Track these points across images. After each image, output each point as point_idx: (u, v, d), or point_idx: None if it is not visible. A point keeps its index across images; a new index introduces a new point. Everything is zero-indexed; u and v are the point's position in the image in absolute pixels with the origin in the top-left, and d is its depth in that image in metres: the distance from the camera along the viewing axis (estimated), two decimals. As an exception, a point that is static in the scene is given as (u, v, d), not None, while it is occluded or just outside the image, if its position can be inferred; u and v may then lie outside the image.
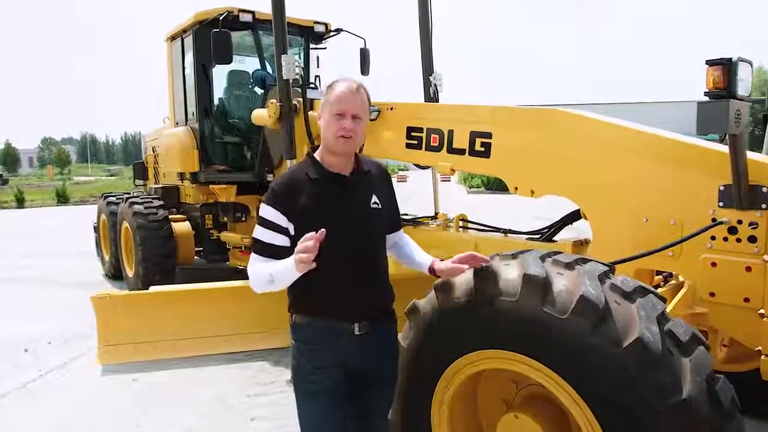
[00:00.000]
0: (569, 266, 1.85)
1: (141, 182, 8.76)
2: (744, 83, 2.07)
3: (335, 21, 6.42)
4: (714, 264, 2.40)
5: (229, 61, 5.10)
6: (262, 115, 4.65)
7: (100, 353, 4.58)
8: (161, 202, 6.76)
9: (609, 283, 1.78)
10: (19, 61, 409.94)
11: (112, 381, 4.32)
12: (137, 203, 6.61)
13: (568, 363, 1.71)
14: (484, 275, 1.91)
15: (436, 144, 3.76)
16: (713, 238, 2.40)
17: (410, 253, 2.24)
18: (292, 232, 1.93)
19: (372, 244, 2.05)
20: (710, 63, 2.06)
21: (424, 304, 2.12)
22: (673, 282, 2.87)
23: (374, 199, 2.05)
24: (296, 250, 1.73)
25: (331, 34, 6.34)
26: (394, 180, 2.32)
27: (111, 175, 62.76)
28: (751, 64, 2.10)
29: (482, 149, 3.46)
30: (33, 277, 8.28)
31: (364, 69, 6.17)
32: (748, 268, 2.30)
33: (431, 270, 2.12)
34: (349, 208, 1.98)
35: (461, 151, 3.59)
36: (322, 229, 1.70)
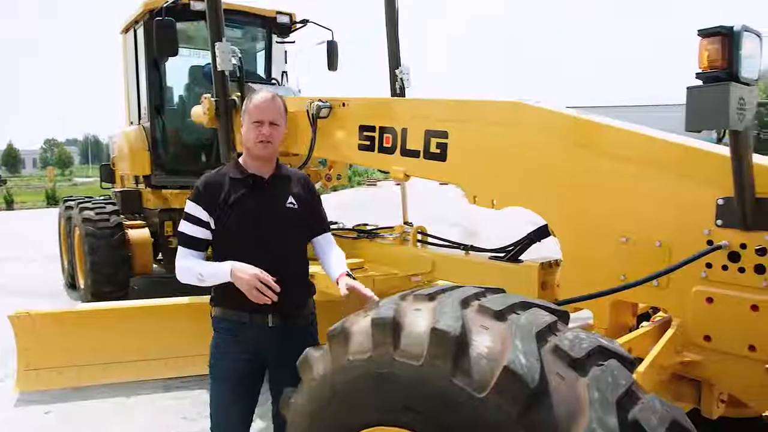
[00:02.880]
0: (500, 316, 1.31)
1: (108, 185, 8.29)
2: (751, 62, 1.52)
3: (302, 12, 5.87)
4: (710, 300, 1.88)
5: (173, 53, 4.57)
6: (198, 113, 4.12)
7: (20, 379, 4.08)
8: (115, 208, 6.25)
9: (552, 344, 1.23)
10: (24, 62, 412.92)
11: (21, 414, 3.77)
12: (88, 208, 6.09)
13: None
14: (383, 325, 1.37)
15: (389, 145, 3.22)
16: (709, 265, 1.87)
17: (326, 257, 2.31)
18: (213, 226, 2.13)
19: (285, 241, 2.16)
20: (704, 34, 1.50)
21: (317, 358, 1.59)
22: (661, 316, 2.32)
23: (290, 199, 2.19)
24: (248, 272, 1.95)
25: (297, 26, 5.80)
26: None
27: (111, 177, 62.09)
28: (760, 36, 1.55)
29: (438, 151, 2.92)
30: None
31: (332, 63, 5.64)
32: (754, 307, 1.78)
33: (338, 284, 2.14)
34: (265, 207, 2.13)
35: (415, 153, 3.05)
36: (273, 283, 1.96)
